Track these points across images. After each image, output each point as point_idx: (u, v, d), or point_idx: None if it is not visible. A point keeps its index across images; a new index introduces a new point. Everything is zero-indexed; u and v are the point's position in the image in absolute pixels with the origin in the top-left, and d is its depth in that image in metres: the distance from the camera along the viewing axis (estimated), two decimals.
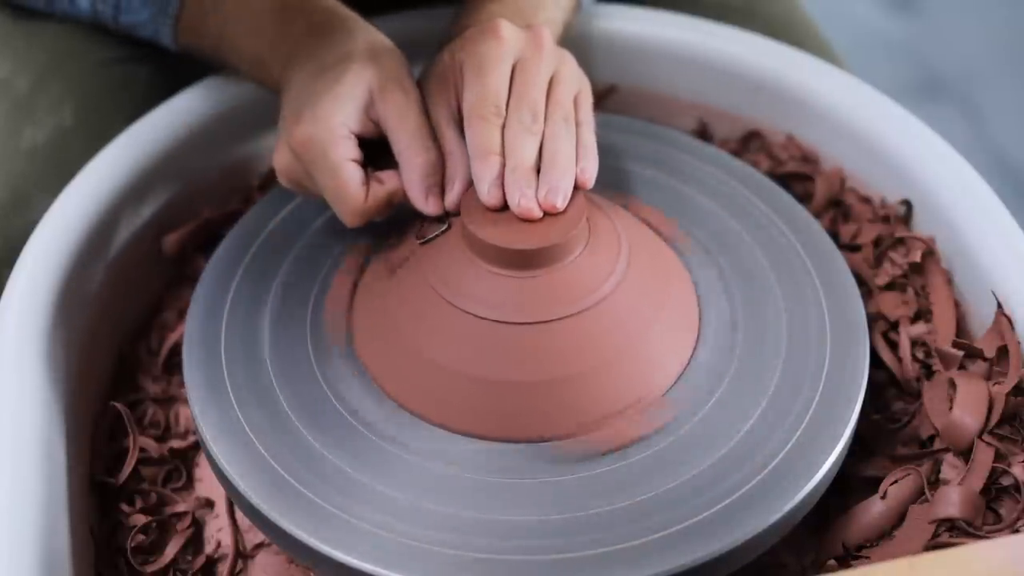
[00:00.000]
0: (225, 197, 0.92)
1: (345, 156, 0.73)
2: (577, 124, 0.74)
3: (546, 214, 0.71)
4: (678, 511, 0.66)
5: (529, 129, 0.72)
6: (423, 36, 0.87)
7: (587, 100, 0.76)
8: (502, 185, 0.71)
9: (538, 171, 0.72)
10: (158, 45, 0.90)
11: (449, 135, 0.75)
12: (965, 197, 0.82)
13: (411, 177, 0.74)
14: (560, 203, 0.71)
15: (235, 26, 0.84)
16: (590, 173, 0.73)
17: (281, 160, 0.76)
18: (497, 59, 0.73)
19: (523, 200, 0.71)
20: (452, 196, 0.74)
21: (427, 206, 0.74)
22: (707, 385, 0.73)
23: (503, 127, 0.72)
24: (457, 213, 0.74)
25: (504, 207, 0.71)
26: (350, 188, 0.73)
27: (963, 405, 0.73)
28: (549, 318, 0.70)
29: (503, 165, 0.71)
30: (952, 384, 0.74)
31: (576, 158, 0.73)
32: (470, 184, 0.73)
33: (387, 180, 0.75)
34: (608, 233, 0.74)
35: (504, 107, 0.72)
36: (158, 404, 0.83)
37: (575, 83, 0.76)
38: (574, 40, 0.91)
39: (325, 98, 0.74)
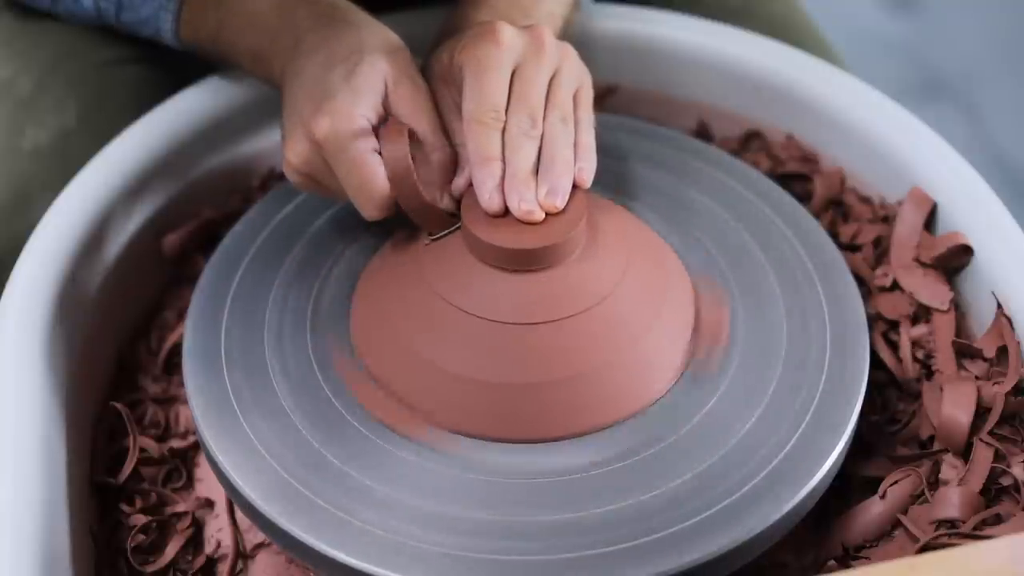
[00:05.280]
0: (225, 197, 0.92)
1: (367, 148, 0.73)
2: (576, 123, 0.74)
3: (546, 214, 0.71)
4: (678, 511, 0.66)
5: (527, 134, 0.72)
6: (423, 36, 0.87)
7: (587, 96, 0.76)
8: (503, 190, 0.71)
9: (537, 173, 0.72)
10: (159, 42, 0.90)
11: (458, 127, 0.75)
12: (965, 197, 0.82)
13: (427, 172, 0.74)
14: (559, 203, 0.71)
15: (235, 19, 0.84)
16: (588, 172, 0.73)
17: (298, 154, 0.75)
18: (496, 64, 0.73)
19: (523, 203, 0.71)
20: (460, 181, 0.74)
21: (442, 201, 0.74)
22: (707, 385, 0.73)
23: (503, 131, 0.72)
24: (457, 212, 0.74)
25: (505, 213, 0.71)
26: (376, 179, 0.73)
27: (952, 403, 0.73)
28: (549, 318, 0.70)
29: (503, 170, 0.71)
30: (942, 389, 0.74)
31: (574, 158, 0.73)
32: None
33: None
34: (608, 233, 0.74)
35: (504, 112, 0.72)
36: (158, 404, 0.83)
37: (575, 80, 0.76)
38: (574, 40, 0.90)
39: (343, 90, 0.74)
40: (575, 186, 0.72)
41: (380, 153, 0.73)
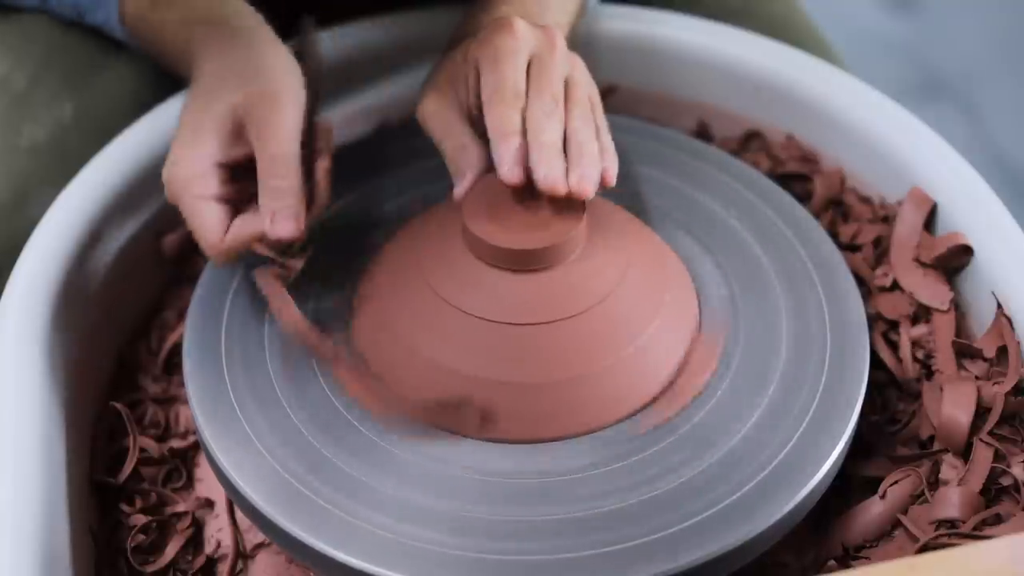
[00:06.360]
0: None
1: (201, 194, 0.73)
2: (596, 125, 0.74)
3: (550, 212, 0.71)
4: (678, 511, 0.66)
5: (552, 113, 0.71)
6: (423, 36, 0.87)
7: (598, 105, 0.76)
8: (524, 164, 0.70)
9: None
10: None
11: (461, 130, 0.75)
12: (965, 197, 0.82)
13: (264, 199, 0.72)
14: (591, 190, 0.70)
15: (167, 18, 0.84)
16: (613, 173, 0.72)
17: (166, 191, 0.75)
18: (513, 51, 0.73)
19: (551, 174, 0.69)
20: (462, 187, 0.74)
21: (273, 229, 0.72)
22: (707, 385, 0.73)
23: (523, 112, 0.71)
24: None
25: (525, 185, 0.70)
26: (206, 229, 0.73)
27: (952, 403, 0.73)
28: (549, 319, 0.70)
29: (524, 146, 0.70)
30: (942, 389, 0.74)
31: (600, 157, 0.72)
32: (481, 176, 0.73)
33: (253, 223, 0.73)
34: (608, 233, 0.74)
35: (523, 93, 0.72)
36: (158, 404, 0.83)
37: (587, 87, 0.76)
38: (576, 40, 0.91)
39: (187, 132, 0.74)
40: (602, 185, 0.72)
41: (221, 199, 0.73)
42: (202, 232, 0.73)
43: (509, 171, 0.70)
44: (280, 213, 0.72)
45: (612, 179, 0.72)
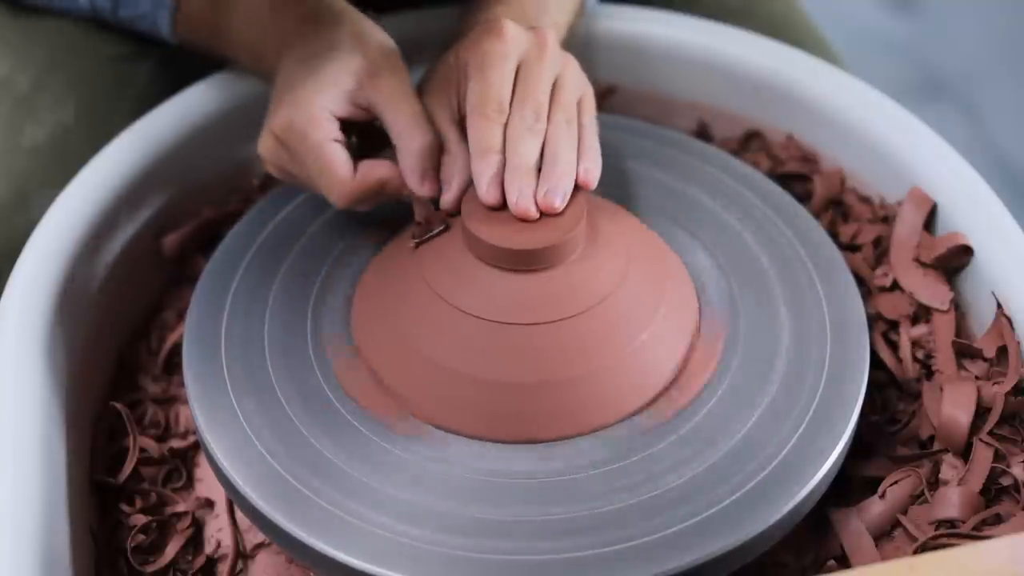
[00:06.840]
0: (225, 197, 0.92)
1: (326, 136, 0.74)
2: (580, 127, 0.74)
3: (545, 214, 0.71)
4: (678, 512, 0.66)
5: (531, 128, 0.72)
6: (423, 36, 0.87)
7: (590, 104, 0.76)
8: (501, 183, 0.71)
9: (539, 172, 0.72)
10: (156, 38, 0.90)
11: (450, 136, 0.75)
12: (965, 197, 0.82)
13: (407, 160, 0.74)
14: (559, 204, 0.71)
15: (232, 17, 0.84)
16: (594, 174, 0.73)
17: (264, 147, 0.76)
18: (501, 57, 0.73)
19: (521, 199, 0.70)
20: (450, 196, 0.74)
21: (422, 188, 0.74)
22: (707, 385, 0.73)
23: (505, 125, 0.72)
24: (457, 213, 0.74)
25: (503, 206, 0.71)
26: (335, 166, 0.73)
27: (952, 403, 0.73)
28: (548, 319, 0.70)
29: (503, 163, 0.71)
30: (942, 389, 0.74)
31: (579, 159, 0.73)
32: (468, 185, 0.73)
33: (380, 167, 0.74)
34: (608, 233, 0.74)
35: (507, 105, 0.72)
36: (158, 404, 0.83)
37: (578, 87, 0.76)
38: (576, 40, 0.91)
39: (307, 84, 0.74)
40: (580, 187, 0.72)
41: (342, 143, 0.74)
42: (331, 171, 0.73)
43: (487, 192, 0.71)
44: (426, 173, 0.74)
45: (592, 181, 0.73)
